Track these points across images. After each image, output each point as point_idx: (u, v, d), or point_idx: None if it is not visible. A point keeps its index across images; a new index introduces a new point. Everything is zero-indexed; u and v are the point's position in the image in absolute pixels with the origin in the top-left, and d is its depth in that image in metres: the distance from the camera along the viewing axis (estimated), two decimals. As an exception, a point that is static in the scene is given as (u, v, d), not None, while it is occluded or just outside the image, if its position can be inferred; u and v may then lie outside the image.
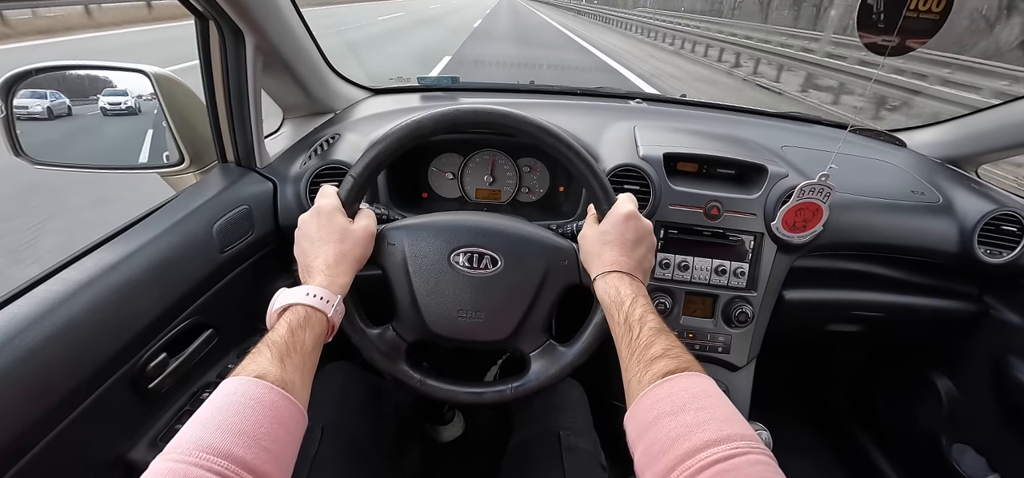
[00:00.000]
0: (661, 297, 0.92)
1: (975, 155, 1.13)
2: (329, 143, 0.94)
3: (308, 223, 0.62)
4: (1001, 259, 0.93)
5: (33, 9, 8.64)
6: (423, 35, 13.02)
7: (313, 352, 0.51)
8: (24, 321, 0.51)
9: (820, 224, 0.86)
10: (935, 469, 1.13)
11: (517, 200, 1.08)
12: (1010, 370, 0.98)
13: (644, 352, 0.49)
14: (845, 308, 1.02)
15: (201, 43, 0.77)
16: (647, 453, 0.42)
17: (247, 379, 0.43)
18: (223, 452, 0.37)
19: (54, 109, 0.80)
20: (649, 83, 7.57)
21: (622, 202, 0.64)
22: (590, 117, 1.11)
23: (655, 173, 0.89)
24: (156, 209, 0.74)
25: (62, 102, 0.81)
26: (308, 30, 0.96)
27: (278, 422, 0.42)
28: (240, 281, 0.81)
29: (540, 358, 0.68)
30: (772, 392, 1.07)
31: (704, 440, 0.38)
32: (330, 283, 0.56)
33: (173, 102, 0.80)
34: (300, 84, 1.00)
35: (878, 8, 0.57)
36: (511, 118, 0.65)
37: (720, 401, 0.43)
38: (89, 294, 0.57)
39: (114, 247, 0.64)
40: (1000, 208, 0.92)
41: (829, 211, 0.86)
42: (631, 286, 0.57)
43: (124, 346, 0.60)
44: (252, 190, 0.85)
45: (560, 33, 15.87)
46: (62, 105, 0.81)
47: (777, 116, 1.33)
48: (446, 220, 0.69)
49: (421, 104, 1.22)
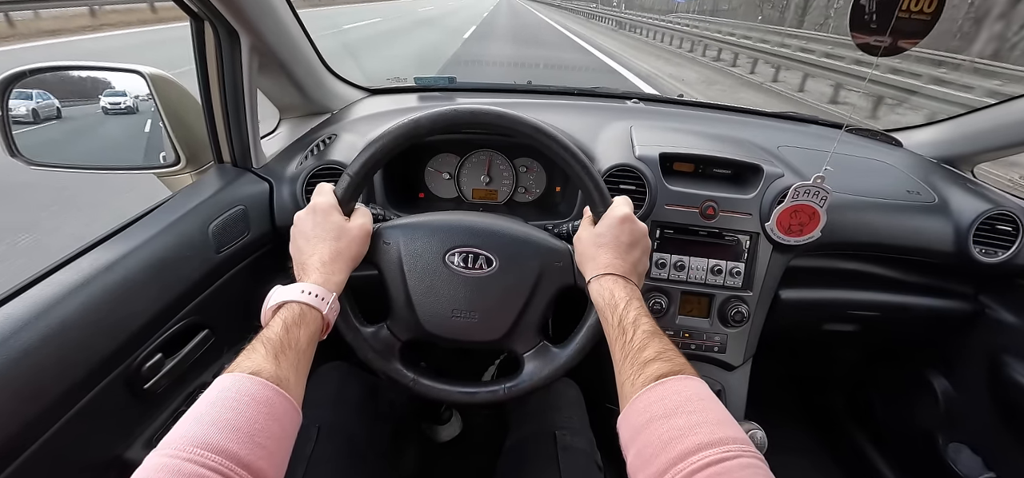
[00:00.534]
0: (657, 297, 0.92)
1: (971, 155, 1.13)
2: (325, 143, 0.94)
3: (304, 220, 0.62)
4: (996, 258, 0.93)
5: (36, 11, 8.66)
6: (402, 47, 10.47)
7: (308, 349, 0.52)
8: (19, 322, 0.51)
9: (817, 230, 0.86)
10: (931, 468, 1.13)
11: (514, 200, 1.08)
12: (1006, 369, 0.98)
13: (637, 355, 0.50)
14: (841, 307, 1.03)
15: (196, 44, 0.77)
16: (639, 456, 0.42)
17: (242, 375, 0.43)
18: (218, 448, 0.37)
19: (41, 111, 0.78)
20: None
21: (618, 205, 0.64)
22: (587, 117, 1.11)
23: (651, 173, 0.89)
24: (152, 209, 0.74)
25: (50, 104, 0.80)
26: (304, 30, 0.96)
27: (273, 418, 0.42)
28: (236, 281, 0.81)
29: (534, 359, 0.69)
30: (768, 391, 1.07)
31: (696, 443, 0.38)
32: (325, 280, 0.57)
33: (169, 102, 0.80)
34: (296, 84, 1.00)
35: (870, 9, 0.58)
36: (508, 119, 0.65)
37: (712, 404, 0.43)
38: (84, 295, 0.57)
39: (109, 247, 0.64)
40: (995, 208, 0.92)
41: (827, 216, 0.86)
42: (625, 289, 0.57)
43: (119, 347, 0.60)
44: (248, 190, 0.85)
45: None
46: (50, 107, 0.80)
47: (774, 116, 1.34)
48: (442, 220, 0.69)
49: (418, 104, 1.22)
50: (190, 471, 0.35)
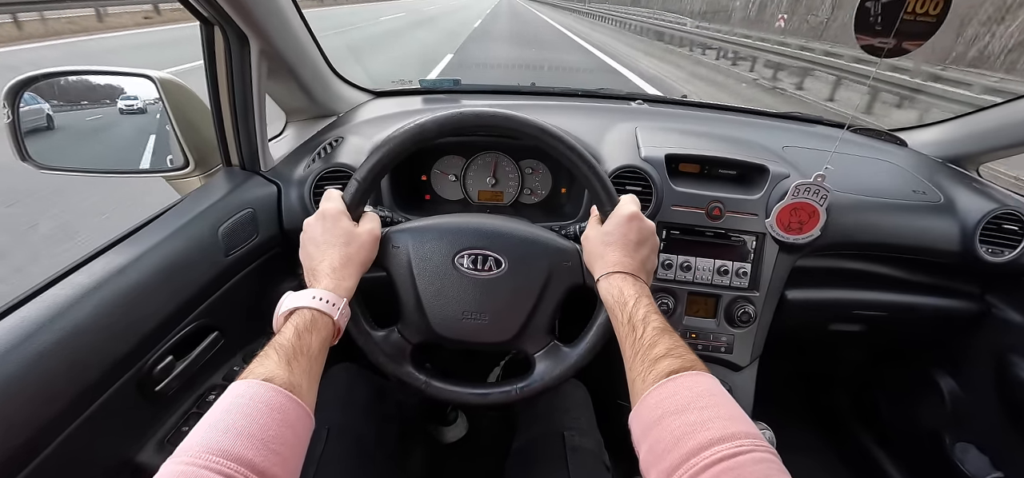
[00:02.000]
0: (664, 297, 0.92)
1: (976, 154, 1.13)
2: (332, 146, 0.95)
3: (313, 227, 0.62)
4: (1003, 258, 0.93)
5: (42, 13, 8.72)
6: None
7: (319, 355, 0.52)
8: (33, 325, 0.52)
9: (817, 228, 0.87)
10: (938, 468, 1.13)
11: (520, 202, 1.09)
12: (1013, 369, 0.98)
13: (648, 352, 0.50)
14: (847, 308, 1.03)
15: (206, 48, 0.78)
16: (652, 451, 0.42)
17: (255, 382, 0.44)
18: (232, 454, 0.37)
19: (23, 118, 0.75)
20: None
21: (625, 203, 0.64)
22: (592, 118, 1.12)
23: (657, 174, 0.89)
24: (162, 213, 0.74)
25: (38, 108, 0.77)
26: (311, 34, 0.97)
27: (286, 424, 0.43)
28: (245, 284, 0.81)
29: (544, 359, 0.69)
30: (775, 392, 1.07)
31: (708, 438, 0.39)
32: (336, 286, 0.57)
33: (178, 106, 0.81)
34: (303, 88, 1.01)
35: (875, 11, 0.58)
36: (514, 121, 0.65)
37: (724, 400, 0.43)
38: (97, 298, 0.57)
39: (121, 251, 0.65)
40: (1001, 207, 0.92)
41: (828, 214, 0.86)
42: (634, 286, 0.58)
43: (131, 349, 0.60)
44: (256, 193, 0.85)
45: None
46: (38, 114, 0.77)
47: (778, 116, 1.34)
48: (450, 222, 0.69)
49: (423, 106, 1.23)
50: None
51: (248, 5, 0.73)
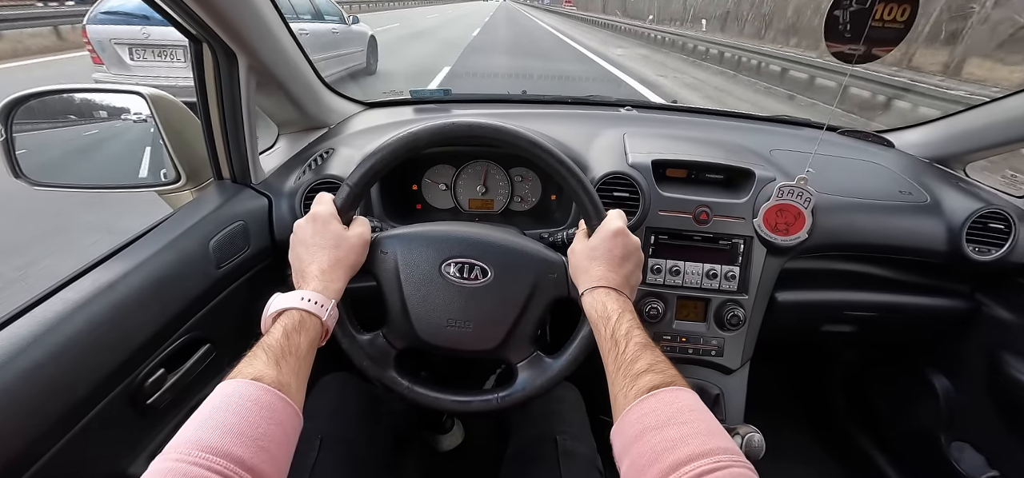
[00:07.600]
0: (653, 302, 0.93)
1: (962, 154, 1.14)
2: (323, 158, 0.96)
3: (304, 229, 0.63)
4: (990, 257, 0.94)
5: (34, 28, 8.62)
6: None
7: (308, 355, 0.53)
8: (24, 340, 0.52)
9: (804, 230, 0.87)
10: (934, 468, 1.13)
11: (510, 209, 1.09)
12: (1004, 367, 0.98)
13: (630, 367, 0.51)
14: (838, 309, 1.03)
15: (195, 65, 0.79)
16: (633, 466, 0.43)
17: (244, 381, 0.44)
18: (221, 451, 0.38)
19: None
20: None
21: (611, 218, 0.65)
22: (581, 125, 1.13)
23: (644, 180, 0.90)
24: (153, 227, 0.75)
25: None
26: (300, 48, 0.98)
27: (275, 422, 0.43)
28: (236, 296, 0.82)
29: (527, 369, 0.69)
30: (768, 394, 1.07)
31: (688, 454, 0.39)
32: (324, 288, 0.58)
33: (169, 121, 0.82)
34: (293, 101, 1.01)
35: (844, 19, 0.59)
36: (504, 133, 0.66)
37: (703, 415, 0.44)
38: (87, 312, 0.58)
39: (112, 265, 0.65)
40: (987, 206, 0.93)
41: (814, 216, 0.86)
42: (618, 302, 0.58)
43: (122, 363, 0.61)
44: (247, 206, 0.86)
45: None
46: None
47: (766, 120, 1.35)
48: (439, 230, 0.70)
49: (414, 117, 1.24)
50: (195, 474, 0.36)
51: (235, 22, 0.74)
